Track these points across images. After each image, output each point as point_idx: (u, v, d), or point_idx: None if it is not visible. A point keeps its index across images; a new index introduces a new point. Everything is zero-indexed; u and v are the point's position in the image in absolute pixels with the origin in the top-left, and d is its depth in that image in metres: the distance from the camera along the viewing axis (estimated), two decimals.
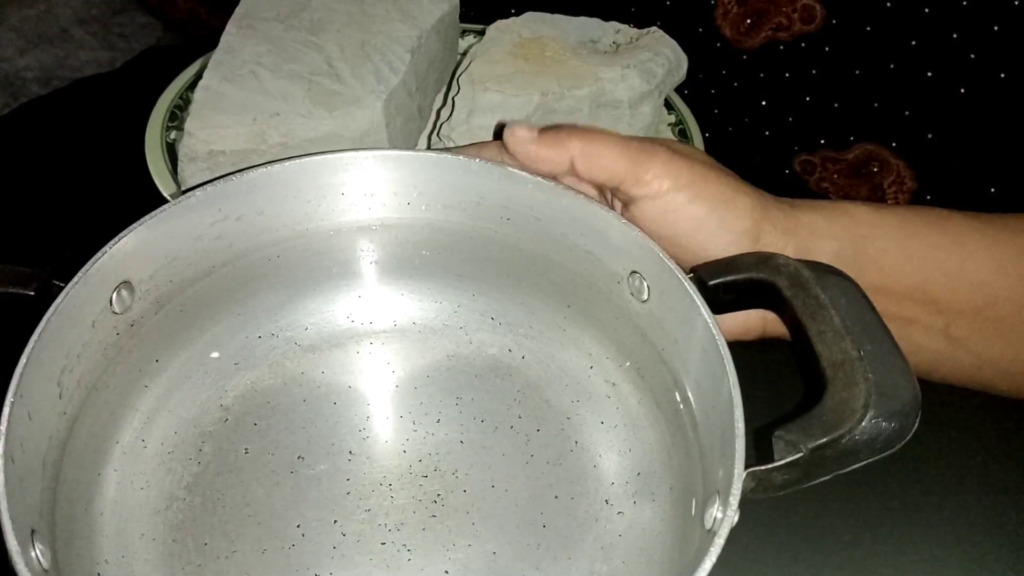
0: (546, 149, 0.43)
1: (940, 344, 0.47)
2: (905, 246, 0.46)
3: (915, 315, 0.46)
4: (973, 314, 0.47)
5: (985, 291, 0.47)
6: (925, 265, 0.46)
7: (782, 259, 0.41)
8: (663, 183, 0.43)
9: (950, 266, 0.47)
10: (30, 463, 0.37)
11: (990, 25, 0.55)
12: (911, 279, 0.46)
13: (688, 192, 0.43)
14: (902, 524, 0.46)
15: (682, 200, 0.43)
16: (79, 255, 0.40)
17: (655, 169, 0.42)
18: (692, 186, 0.43)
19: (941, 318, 0.47)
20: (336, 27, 0.58)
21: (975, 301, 0.47)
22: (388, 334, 0.50)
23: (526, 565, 0.42)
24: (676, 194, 0.43)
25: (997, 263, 0.47)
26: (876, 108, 0.62)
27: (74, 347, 0.40)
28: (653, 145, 0.43)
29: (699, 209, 0.43)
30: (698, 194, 0.43)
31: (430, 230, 0.48)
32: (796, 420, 0.36)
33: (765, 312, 0.46)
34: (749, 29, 0.64)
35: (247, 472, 0.44)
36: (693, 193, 0.43)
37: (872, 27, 0.59)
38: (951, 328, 0.47)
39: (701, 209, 0.43)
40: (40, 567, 0.34)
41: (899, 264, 0.46)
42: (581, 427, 0.46)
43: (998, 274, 0.47)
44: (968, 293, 0.47)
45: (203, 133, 0.52)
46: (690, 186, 0.43)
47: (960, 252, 0.47)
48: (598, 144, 0.43)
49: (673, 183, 0.43)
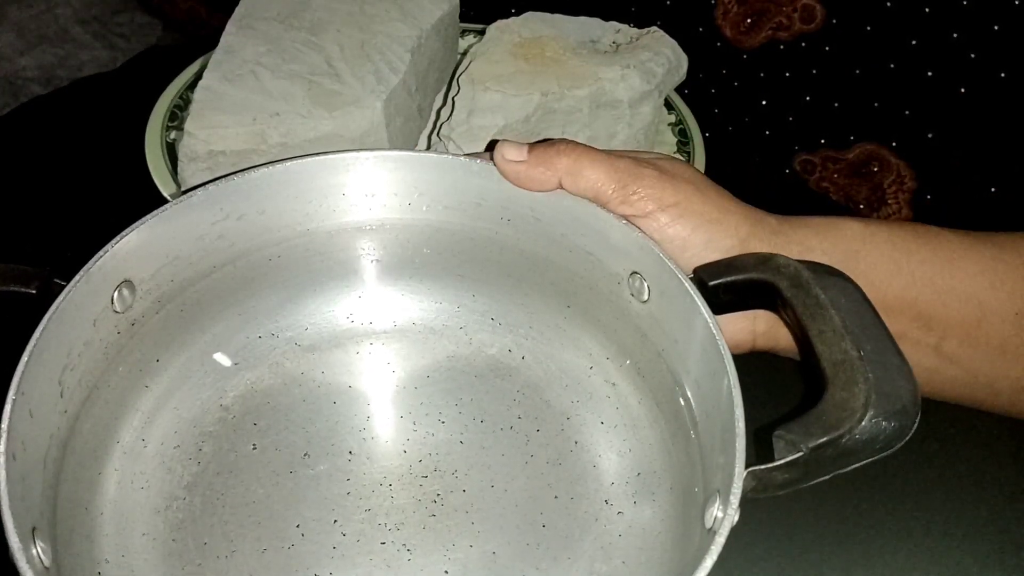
0: (534, 169, 0.44)
1: (931, 360, 0.47)
2: (896, 261, 0.47)
3: (906, 330, 0.46)
4: (964, 331, 0.47)
5: (976, 308, 0.47)
6: (916, 281, 0.46)
7: (782, 259, 0.41)
8: (647, 204, 0.43)
9: (941, 282, 0.47)
10: (31, 461, 0.37)
11: (990, 25, 0.55)
12: (902, 294, 0.46)
13: (672, 212, 0.43)
14: (902, 524, 0.46)
15: (666, 220, 0.43)
16: (79, 255, 0.40)
17: (640, 191, 0.43)
18: (676, 207, 0.43)
19: (932, 334, 0.47)
20: (336, 27, 0.58)
21: (966, 317, 0.47)
22: (388, 334, 0.50)
23: (526, 565, 0.42)
24: (660, 215, 0.43)
25: (988, 280, 0.47)
26: (876, 108, 0.62)
27: (75, 346, 0.40)
28: (640, 166, 0.44)
29: (683, 229, 0.43)
30: (682, 214, 0.43)
31: (430, 231, 0.48)
32: (796, 420, 0.36)
33: (754, 326, 0.46)
34: (749, 29, 0.64)
35: (247, 472, 0.44)
36: (677, 213, 0.43)
37: (872, 27, 0.60)
38: (942, 345, 0.47)
39: (685, 229, 0.43)
40: (41, 565, 0.34)
41: (890, 279, 0.46)
42: (581, 427, 0.46)
43: (989, 291, 0.47)
44: (959, 309, 0.47)
45: (203, 133, 0.52)
46: (675, 207, 0.43)
47: (951, 268, 0.47)
48: (585, 162, 0.43)
49: (657, 204, 0.43)
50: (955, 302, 0.47)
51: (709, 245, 0.44)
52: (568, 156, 0.44)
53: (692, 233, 0.44)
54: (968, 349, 0.47)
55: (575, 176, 0.44)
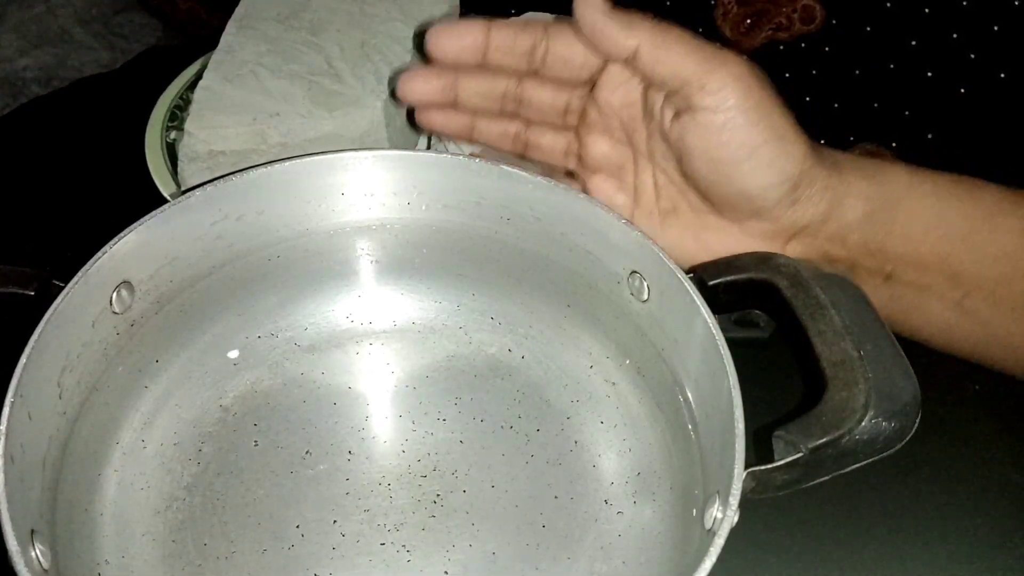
0: (614, 25, 0.40)
1: (952, 314, 0.46)
2: (936, 213, 0.45)
3: (932, 283, 0.45)
4: (991, 288, 0.46)
5: (1009, 266, 0.46)
6: (952, 235, 0.45)
7: (782, 259, 0.41)
8: (729, 97, 0.39)
9: (977, 238, 0.45)
10: (30, 463, 0.37)
11: (990, 25, 0.55)
12: (936, 248, 0.45)
13: (753, 115, 0.39)
14: (902, 524, 0.46)
15: (743, 122, 0.39)
16: (79, 255, 0.40)
17: (725, 79, 0.39)
18: (758, 109, 0.39)
19: (958, 290, 0.46)
20: (336, 27, 0.58)
21: (996, 275, 0.46)
22: (388, 334, 0.50)
23: (526, 565, 0.42)
24: (739, 113, 0.39)
25: None
26: (876, 108, 0.62)
27: (74, 347, 0.40)
28: (726, 53, 0.40)
29: (757, 137, 0.39)
30: (762, 119, 0.39)
31: (430, 230, 0.48)
32: (796, 420, 0.36)
33: None
34: (749, 29, 0.64)
35: (247, 472, 0.44)
36: (757, 117, 0.39)
37: (872, 27, 0.59)
38: (966, 300, 0.46)
39: (760, 137, 0.39)
40: (40, 567, 0.34)
41: (926, 232, 0.45)
42: (581, 427, 0.46)
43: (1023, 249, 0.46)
44: (991, 267, 0.45)
45: (203, 133, 0.52)
46: (757, 108, 0.39)
47: (990, 224, 0.46)
48: (671, 36, 0.39)
49: (740, 100, 0.39)
50: (988, 260, 0.45)
51: (773, 163, 0.40)
52: (651, 23, 0.39)
53: (764, 144, 0.40)
54: (991, 307, 0.46)
55: (656, 48, 0.39)
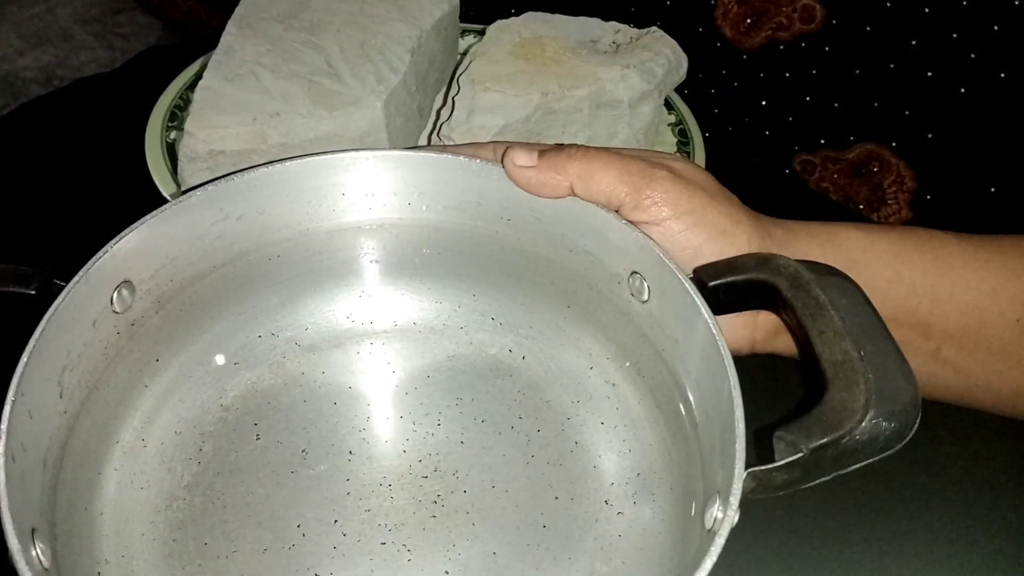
0: (545, 174, 0.43)
1: (929, 366, 0.47)
2: (896, 271, 0.46)
3: (904, 338, 0.46)
4: (963, 338, 0.47)
5: (976, 314, 0.46)
6: (916, 290, 0.46)
7: (782, 260, 0.41)
8: (661, 211, 0.42)
9: (941, 291, 0.46)
10: (31, 462, 0.37)
11: (990, 25, 0.55)
12: (902, 304, 0.46)
13: (686, 221, 0.42)
14: (902, 524, 0.46)
15: (679, 228, 0.42)
16: (79, 255, 0.40)
17: (654, 196, 0.42)
18: (691, 215, 0.42)
19: (931, 342, 0.47)
20: (336, 27, 0.58)
21: (966, 324, 0.47)
22: (388, 334, 0.50)
23: (526, 565, 0.42)
24: (674, 222, 0.42)
25: (990, 286, 0.47)
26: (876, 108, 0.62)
27: (75, 346, 0.40)
28: (653, 169, 0.43)
29: (696, 239, 0.43)
30: (696, 223, 0.43)
31: (430, 230, 0.48)
32: (796, 420, 0.36)
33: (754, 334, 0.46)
34: (749, 29, 0.64)
35: (247, 472, 0.44)
36: (692, 222, 0.43)
37: (872, 27, 0.60)
38: (940, 351, 0.47)
39: (698, 239, 0.43)
40: (40, 566, 0.34)
41: (889, 288, 0.46)
42: (581, 427, 0.46)
43: (990, 297, 0.46)
44: (959, 318, 0.46)
45: (203, 133, 0.52)
46: (688, 215, 0.42)
47: (952, 276, 0.47)
48: (597, 166, 0.43)
49: (672, 211, 0.42)
50: (955, 311, 0.46)
51: (720, 256, 0.43)
52: (579, 160, 0.43)
53: (704, 244, 0.43)
54: (967, 355, 0.47)
55: (587, 181, 0.43)
